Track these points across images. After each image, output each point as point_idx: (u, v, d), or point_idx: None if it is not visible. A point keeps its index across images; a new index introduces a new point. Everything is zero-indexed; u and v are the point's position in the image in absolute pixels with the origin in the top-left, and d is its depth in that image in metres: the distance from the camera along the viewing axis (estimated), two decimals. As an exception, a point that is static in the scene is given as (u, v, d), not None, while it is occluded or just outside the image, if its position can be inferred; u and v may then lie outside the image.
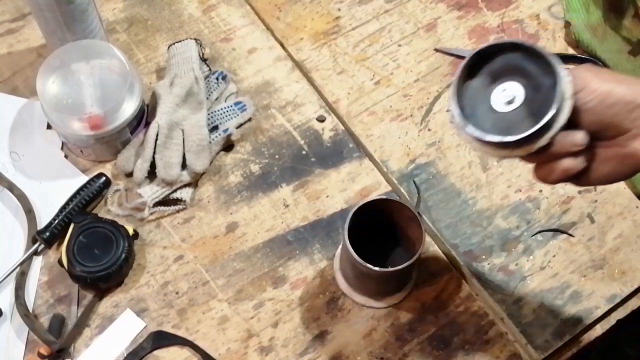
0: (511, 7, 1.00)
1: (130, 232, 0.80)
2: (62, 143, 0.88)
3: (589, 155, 0.59)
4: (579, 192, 0.87)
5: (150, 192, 0.83)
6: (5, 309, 0.78)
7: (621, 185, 0.88)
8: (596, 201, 0.87)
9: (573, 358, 0.80)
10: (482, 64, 0.60)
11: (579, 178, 0.60)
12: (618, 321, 0.81)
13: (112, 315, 0.79)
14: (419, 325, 0.79)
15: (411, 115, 0.91)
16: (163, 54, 0.94)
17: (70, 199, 0.82)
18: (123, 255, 0.78)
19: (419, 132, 0.90)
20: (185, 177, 0.84)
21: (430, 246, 0.84)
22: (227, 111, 0.89)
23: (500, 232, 0.84)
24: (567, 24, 0.98)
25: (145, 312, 0.79)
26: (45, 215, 0.83)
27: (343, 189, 0.87)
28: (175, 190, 0.84)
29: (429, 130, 0.90)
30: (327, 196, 0.86)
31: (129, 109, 0.83)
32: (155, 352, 0.77)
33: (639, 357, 1.17)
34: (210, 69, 0.91)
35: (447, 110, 0.61)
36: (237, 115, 0.89)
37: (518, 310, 0.80)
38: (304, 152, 0.89)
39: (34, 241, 0.81)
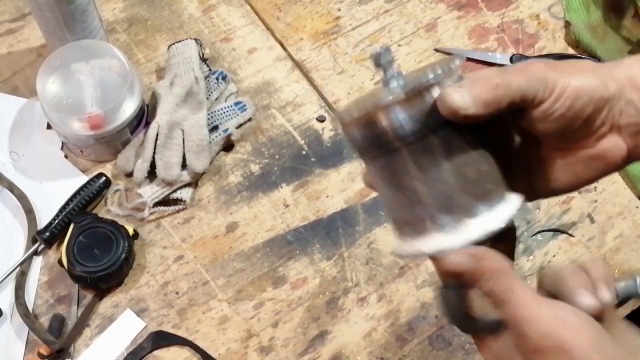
0: (511, 7, 1.00)
1: (130, 232, 0.80)
2: (62, 143, 0.87)
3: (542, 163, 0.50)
4: (579, 192, 0.87)
5: (150, 192, 0.83)
6: (5, 309, 0.78)
7: (621, 185, 0.88)
8: (596, 201, 0.87)
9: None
10: None
11: (528, 195, 0.49)
12: (618, 321, 0.81)
13: (112, 315, 0.79)
14: (419, 325, 0.79)
15: (411, 115, 0.91)
16: (163, 54, 0.94)
17: (70, 199, 0.82)
18: (123, 255, 0.78)
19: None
20: (185, 177, 0.84)
21: (430, 246, 0.84)
22: (227, 111, 0.89)
23: (500, 232, 0.84)
24: (567, 24, 0.98)
25: (145, 312, 0.79)
26: (45, 215, 0.83)
27: (343, 189, 0.87)
28: (175, 190, 0.84)
29: (429, 130, 0.90)
30: (327, 196, 0.86)
31: (129, 109, 0.83)
32: (155, 352, 0.77)
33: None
34: (210, 69, 0.91)
35: None
36: (237, 115, 0.89)
37: (518, 310, 0.80)
38: (304, 152, 0.89)
39: (34, 241, 0.81)
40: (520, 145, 0.51)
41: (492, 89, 0.45)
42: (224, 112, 0.89)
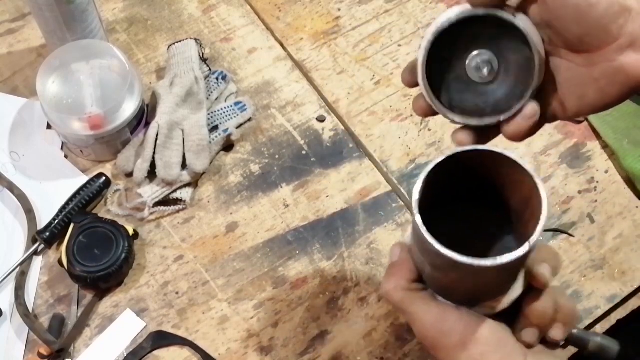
0: (511, 7, 1.00)
1: (130, 232, 0.80)
2: (62, 143, 0.88)
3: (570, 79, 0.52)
4: (579, 192, 0.87)
5: (150, 192, 0.83)
6: (5, 309, 0.78)
7: (621, 185, 0.88)
8: (596, 201, 0.87)
9: (573, 358, 0.80)
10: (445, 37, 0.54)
11: (559, 115, 0.54)
12: (618, 321, 0.81)
13: (112, 315, 0.79)
14: (419, 325, 0.79)
15: (411, 115, 0.91)
16: (163, 54, 0.94)
17: (70, 199, 0.82)
18: (123, 255, 0.78)
19: (419, 132, 0.90)
20: (185, 177, 0.84)
21: (430, 246, 0.84)
22: (227, 111, 0.89)
23: (500, 232, 0.84)
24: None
25: (145, 312, 0.79)
26: (45, 215, 0.83)
27: (343, 189, 0.87)
28: (175, 190, 0.84)
29: (429, 130, 0.90)
30: (327, 196, 0.86)
31: (129, 109, 0.83)
32: (155, 352, 0.77)
33: (639, 357, 1.17)
34: (210, 69, 0.91)
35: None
36: (237, 115, 0.89)
37: (518, 310, 0.80)
38: (304, 152, 0.89)
39: (34, 241, 0.81)
40: (548, 66, 0.53)
41: None
42: (224, 112, 0.89)
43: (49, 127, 0.88)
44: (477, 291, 0.54)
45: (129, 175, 0.85)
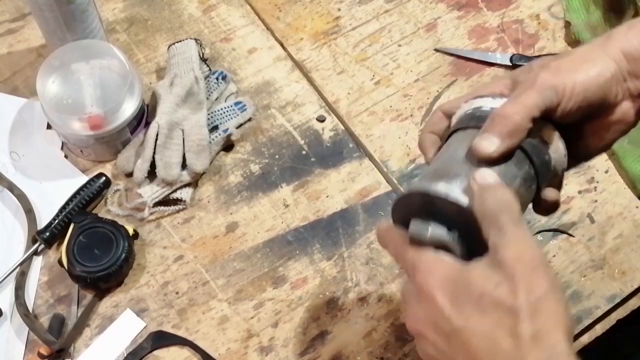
0: (511, 7, 1.00)
1: (130, 232, 0.80)
2: (62, 143, 0.88)
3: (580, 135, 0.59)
4: (579, 192, 0.87)
5: (150, 192, 0.83)
6: (5, 309, 0.78)
7: (621, 185, 0.88)
8: (596, 201, 0.87)
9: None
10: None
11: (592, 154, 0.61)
12: (618, 321, 0.81)
13: (112, 315, 0.79)
14: (419, 325, 0.79)
15: (411, 115, 0.91)
16: (163, 54, 0.94)
17: (70, 199, 0.82)
18: (123, 255, 0.78)
19: (419, 132, 0.90)
20: (185, 177, 0.84)
21: (430, 246, 0.84)
22: (227, 111, 0.89)
23: (500, 232, 0.84)
24: (567, 24, 0.98)
25: (145, 312, 0.79)
26: (45, 215, 0.83)
27: (343, 189, 0.87)
28: (175, 190, 0.84)
29: (429, 130, 0.90)
30: (327, 196, 0.86)
31: (129, 109, 0.83)
32: (155, 352, 0.77)
33: (638, 357, 1.17)
34: (210, 69, 0.91)
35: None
36: (237, 115, 0.89)
37: (518, 310, 0.80)
38: (304, 152, 0.89)
39: (34, 241, 0.81)
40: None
41: (511, 120, 0.52)
42: (224, 112, 0.89)
43: (49, 127, 0.88)
44: None
45: (129, 175, 0.85)
